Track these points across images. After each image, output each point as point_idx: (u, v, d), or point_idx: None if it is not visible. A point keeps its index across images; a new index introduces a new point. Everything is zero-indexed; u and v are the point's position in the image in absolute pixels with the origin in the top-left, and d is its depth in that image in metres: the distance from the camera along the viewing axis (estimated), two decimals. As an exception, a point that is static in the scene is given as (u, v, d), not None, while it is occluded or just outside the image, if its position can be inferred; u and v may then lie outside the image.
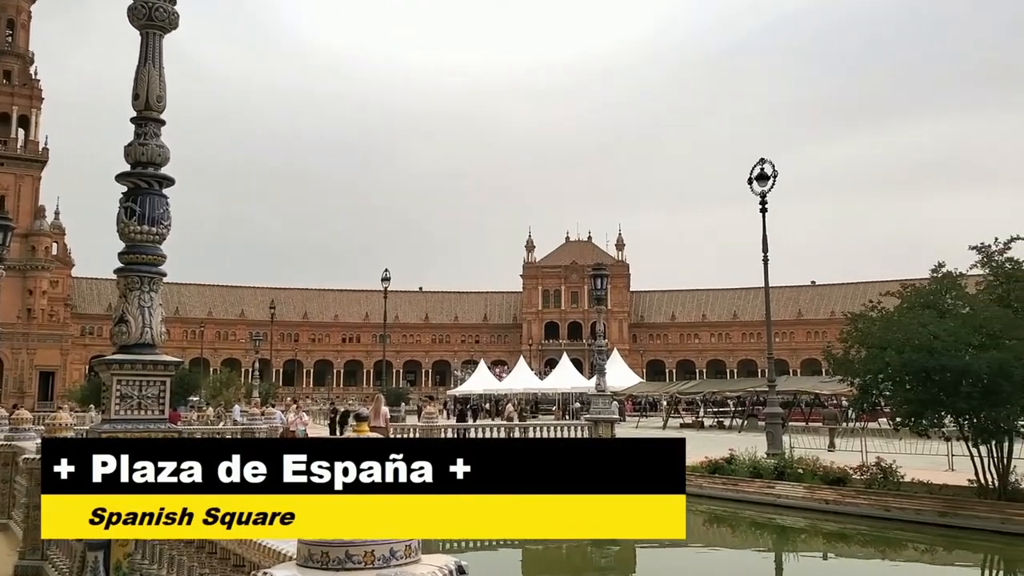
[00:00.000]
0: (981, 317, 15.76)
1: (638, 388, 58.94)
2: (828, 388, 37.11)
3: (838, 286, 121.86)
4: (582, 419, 28.79)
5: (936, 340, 15.31)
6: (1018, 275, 16.83)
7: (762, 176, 24.42)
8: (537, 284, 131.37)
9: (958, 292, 17.39)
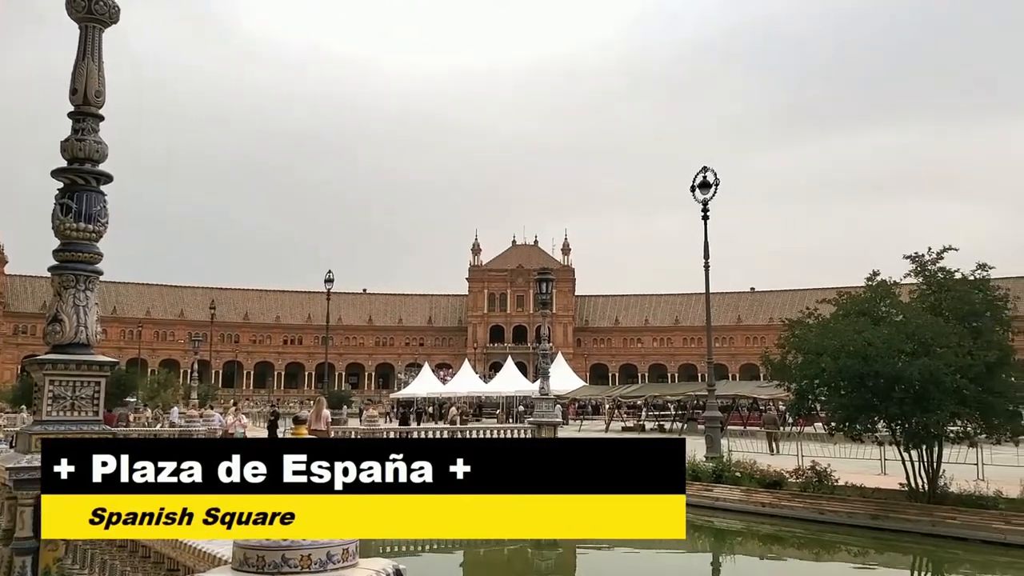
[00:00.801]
0: (914, 325, 16.17)
1: (581, 391, 59.30)
2: (766, 393, 37.74)
3: (777, 293, 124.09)
4: (525, 422, 28.87)
5: (870, 347, 15.67)
6: (949, 285, 17.32)
7: (704, 184, 24.74)
8: (483, 287, 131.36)
9: (892, 300, 17.82)
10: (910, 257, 17.99)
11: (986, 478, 17.99)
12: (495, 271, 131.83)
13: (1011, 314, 18.20)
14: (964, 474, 17.54)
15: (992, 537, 14.55)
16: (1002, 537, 14.45)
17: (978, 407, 16.09)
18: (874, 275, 18.43)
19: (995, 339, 16.79)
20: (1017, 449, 20.11)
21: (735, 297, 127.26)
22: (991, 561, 14.23)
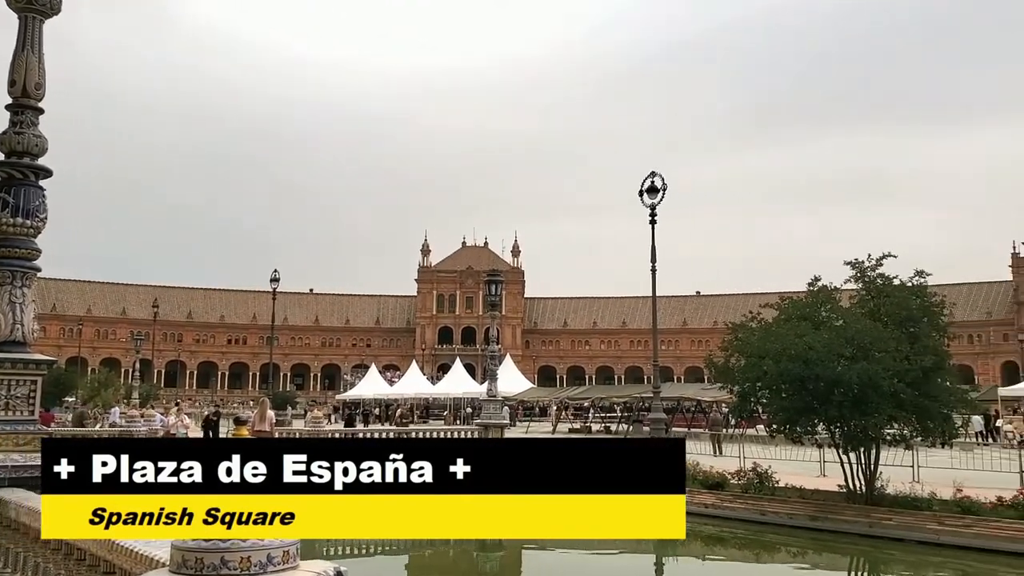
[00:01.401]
0: (853, 330, 16.51)
1: (529, 393, 59.45)
2: (709, 395, 38.24)
3: (722, 297, 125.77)
4: (473, 424, 28.85)
5: (811, 351, 15.96)
6: (888, 291, 17.73)
7: (652, 189, 24.96)
8: (432, 289, 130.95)
9: (833, 305, 18.18)
10: (850, 263, 18.37)
11: (921, 480, 18.46)
12: (444, 272, 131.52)
13: (947, 320, 18.69)
14: (900, 476, 17.98)
15: (926, 538, 14.93)
16: (936, 538, 14.83)
17: (914, 411, 16.51)
18: (815, 280, 18.79)
19: (931, 344, 17.23)
20: (951, 452, 20.70)
21: (681, 300, 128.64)
22: (925, 561, 14.59)
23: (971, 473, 18.88)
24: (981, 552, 14.23)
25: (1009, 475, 18.23)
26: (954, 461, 20.48)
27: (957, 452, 21.58)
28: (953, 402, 17.51)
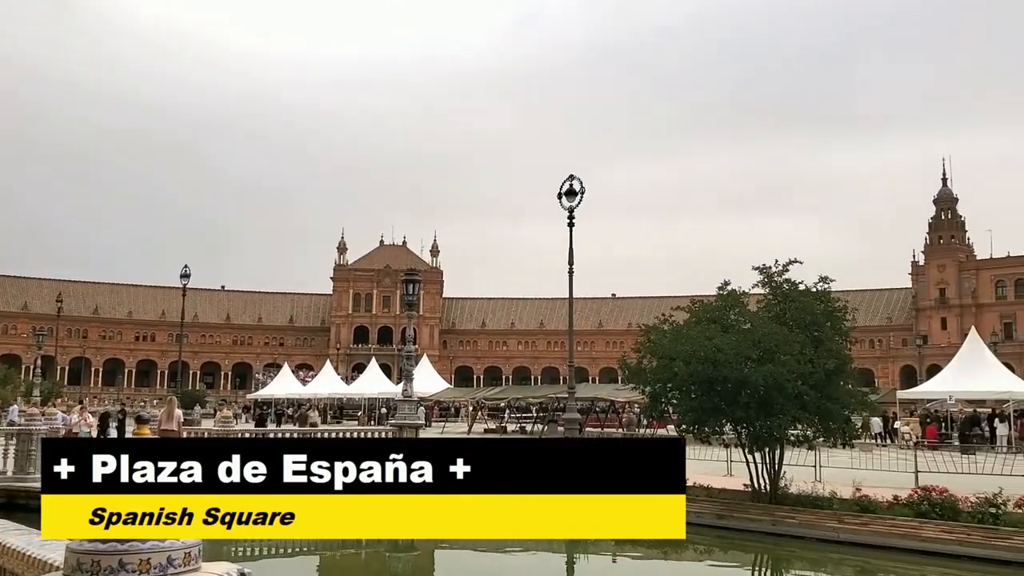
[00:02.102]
0: (760, 333, 16.93)
1: (446, 394, 59.29)
2: (623, 396, 38.71)
3: (636, 299, 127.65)
4: (387, 424, 28.61)
5: (719, 353, 16.31)
6: (794, 296, 18.24)
7: (570, 192, 25.15)
8: (348, 287, 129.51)
9: (741, 309, 18.60)
10: (759, 268, 18.83)
11: (823, 480, 19.05)
12: (361, 271, 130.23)
13: (849, 325, 19.33)
14: (803, 476, 18.52)
15: (826, 535, 15.41)
16: (835, 535, 15.32)
17: (817, 412, 17.02)
18: (725, 284, 19.19)
19: (834, 348, 17.78)
20: (851, 452, 21.43)
21: (598, 302, 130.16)
22: (825, 558, 15.07)
23: (870, 473, 19.57)
24: (878, 549, 14.75)
25: (905, 475, 18.97)
26: (854, 461, 21.20)
27: (857, 453, 22.34)
28: (854, 404, 18.12)
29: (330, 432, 24.14)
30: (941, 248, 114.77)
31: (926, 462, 20.21)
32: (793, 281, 18.46)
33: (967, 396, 41.14)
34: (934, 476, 18.00)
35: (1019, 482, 16.86)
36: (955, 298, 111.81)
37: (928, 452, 23.83)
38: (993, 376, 39.54)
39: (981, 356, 41.06)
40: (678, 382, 17.37)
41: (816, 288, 18.39)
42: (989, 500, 14.31)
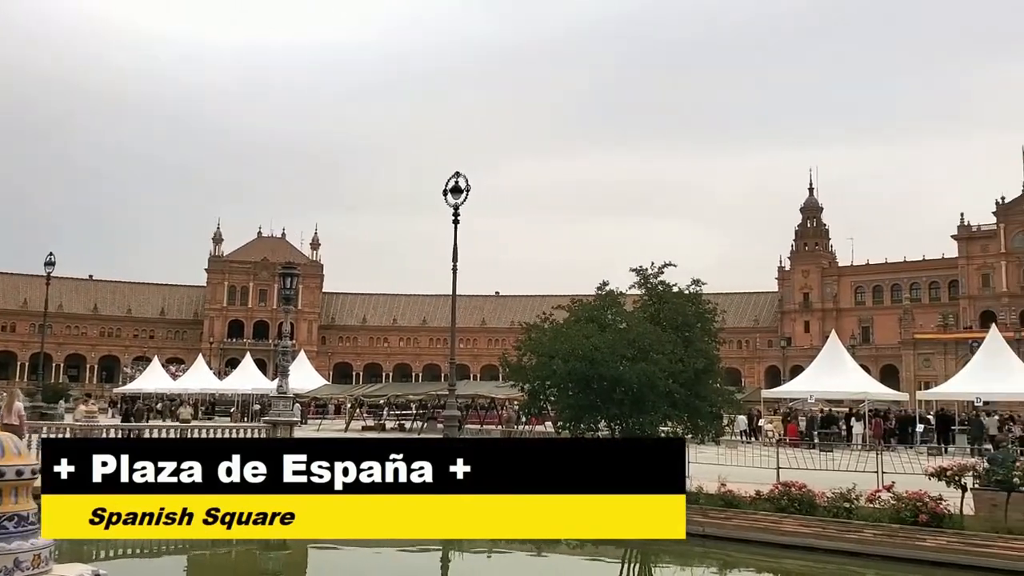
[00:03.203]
0: (635, 333, 17.40)
1: (323, 390, 58.41)
2: (503, 393, 39.03)
3: (519, 298, 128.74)
4: (260, 421, 27.97)
5: (597, 352, 16.67)
6: (667, 297, 18.83)
7: (456, 189, 25.17)
8: (223, 279, 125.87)
9: (618, 309, 19.07)
10: (635, 270, 19.36)
11: (691, 475, 19.66)
12: (238, 263, 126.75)
13: (718, 326, 20.07)
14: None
15: (693, 530, 15.84)
16: (701, 529, 15.82)
17: (687, 410, 17.63)
18: (603, 285, 19.63)
19: (703, 348, 18.45)
20: (718, 449, 22.21)
21: (481, 300, 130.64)
22: (690, 551, 15.55)
23: (735, 469, 20.32)
24: (740, 543, 15.34)
25: (768, 471, 19.78)
26: (721, 457, 21.95)
27: (723, 449, 23.15)
28: (721, 402, 18.85)
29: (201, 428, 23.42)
30: (806, 254, 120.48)
31: (787, 459, 21.13)
32: (667, 283, 19.03)
33: (826, 396, 43.30)
34: (794, 472, 18.84)
35: (871, 478, 17.85)
36: (818, 302, 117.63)
37: (789, 449, 24.93)
38: (850, 377, 41.75)
39: (840, 358, 43.26)
40: (556, 379, 17.65)
41: (688, 291, 19.00)
42: (844, 495, 15.09)
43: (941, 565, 13.32)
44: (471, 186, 25.20)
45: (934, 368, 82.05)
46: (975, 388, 38.01)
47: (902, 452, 28.28)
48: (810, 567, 14.55)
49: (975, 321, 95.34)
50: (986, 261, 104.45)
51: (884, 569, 13.75)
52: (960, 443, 35.76)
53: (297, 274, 28.50)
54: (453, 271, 25.75)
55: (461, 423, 33.80)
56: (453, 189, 25.18)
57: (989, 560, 13.04)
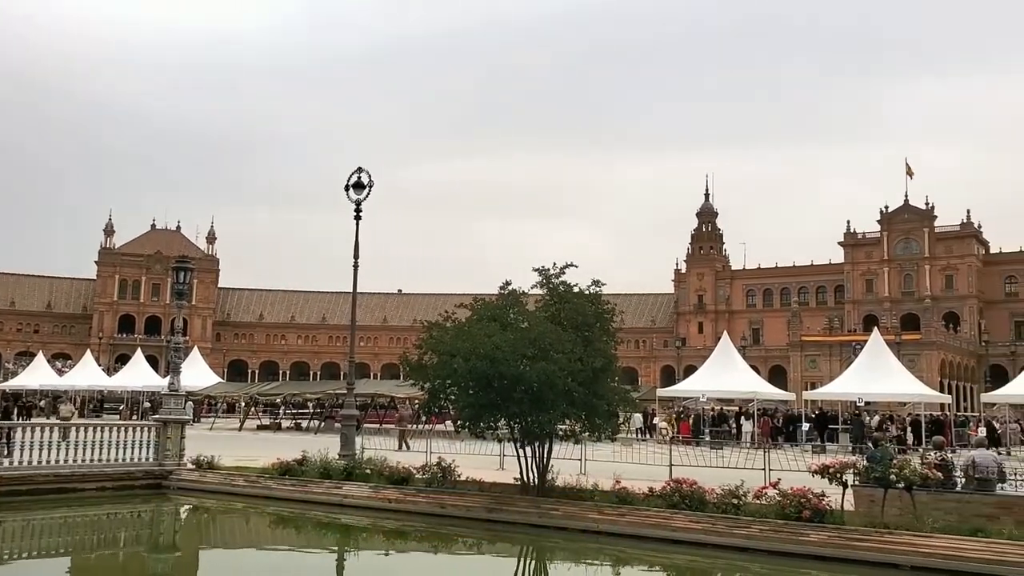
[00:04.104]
0: (536, 332, 17.52)
1: (217, 388, 57.01)
2: (403, 392, 38.80)
3: (422, 296, 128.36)
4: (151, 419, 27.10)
5: (498, 350, 16.72)
6: (568, 297, 19.02)
7: (359, 185, 24.88)
8: (114, 273, 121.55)
9: (520, 308, 19.16)
10: (538, 270, 19.49)
11: (588, 473, 20.01)
12: (130, 256, 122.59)
13: (617, 326, 20.41)
14: (570, 469, 19.36)
15: (588, 526, 16.17)
16: (595, 526, 16.09)
17: (585, 408, 17.87)
18: (506, 284, 19.71)
19: (602, 348, 18.70)
20: (614, 446, 22.64)
21: (383, 298, 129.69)
22: (585, 548, 15.81)
23: (630, 466, 20.76)
24: (633, 538, 15.64)
25: (661, 468, 20.26)
26: (616, 455, 22.41)
27: (619, 447, 23.60)
28: (618, 401, 19.17)
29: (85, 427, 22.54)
30: (701, 258, 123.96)
31: (680, 456, 21.69)
32: (568, 283, 19.21)
33: (718, 395, 44.59)
34: (686, 470, 19.35)
35: (759, 475, 18.48)
36: (711, 304, 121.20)
37: (682, 447, 25.60)
38: (741, 377, 43.12)
39: (731, 358, 44.62)
40: (457, 378, 17.63)
41: (589, 291, 19.25)
42: (732, 492, 15.57)
43: (823, 559, 13.88)
44: (374, 182, 24.99)
45: (820, 369, 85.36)
46: (857, 389, 39.77)
47: (788, 450, 29.41)
48: (699, 562, 14.96)
49: (859, 324, 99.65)
50: (870, 267, 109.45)
51: (769, 564, 14.24)
52: (843, 441, 37.35)
53: (191, 268, 27.66)
54: (354, 268, 25.47)
55: (360, 423, 33.47)
56: (355, 184, 24.90)
57: (867, 554, 13.66)
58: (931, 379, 70.94)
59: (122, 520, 20.38)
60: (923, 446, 29.03)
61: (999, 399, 43.30)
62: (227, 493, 21.08)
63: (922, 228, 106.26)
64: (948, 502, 14.60)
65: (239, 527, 19.93)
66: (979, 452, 16.23)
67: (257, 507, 20.25)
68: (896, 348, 56.34)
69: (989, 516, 14.07)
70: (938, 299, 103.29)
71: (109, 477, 21.39)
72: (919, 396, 40.56)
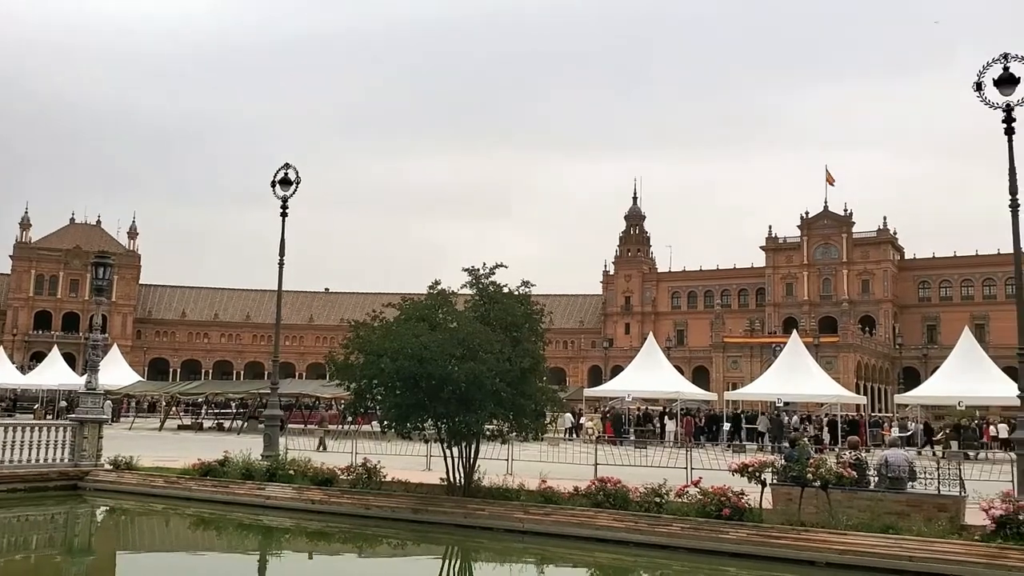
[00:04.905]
0: (464, 332, 17.53)
1: (137, 387, 55.62)
2: (329, 392, 38.45)
3: (349, 295, 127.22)
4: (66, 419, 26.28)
5: (426, 350, 16.70)
6: (497, 298, 19.09)
7: (285, 181, 24.63)
8: (30, 267, 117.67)
9: (449, 308, 19.16)
10: (467, 270, 19.52)
11: (514, 473, 20.10)
12: (47, 250, 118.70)
13: (546, 327, 20.55)
14: (496, 469, 19.42)
15: (513, 526, 16.25)
16: (521, 526, 16.18)
17: (512, 408, 17.94)
18: (435, 284, 19.69)
19: (530, 348, 18.81)
20: (541, 446, 22.80)
21: (310, 296, 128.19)
22: (510, 548, 15.89)
23: (557, 466, 20.93)
24: (559, 538, 15.77)
25: (587, 467, 20.48)
26: (543, 455, 22.57)
27: (546, 447, 23.79)
28: (545, 401, 19.30)
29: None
30: (629, 260, 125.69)
31: (605, 456, 21.95)
32: (498, 284, 19.28)
33: (643, 395, 45.32)
34: (611, 469, 19.57)
35: (682, 474, 18.83)
36: (638, 306, 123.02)
37: (608, 446, 25.91)
38: (665, 377, 43.87)
39: (656, 359, 45.37)
40: (384, 378, 17.55)
41: (518, 291, 19.34)
42: (655, 490, 15.83)
43: (742, 556, 14.21)
44: (301, 179, 24.75)
45: (741, 370, 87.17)
46: (777, 389, 40.84)
47: (710, 449, 30.01)
48: (622, 560, 15.16)
49: (779, 327, 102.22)
50: (790, 271, 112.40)
51: (690, 561, 14.52)
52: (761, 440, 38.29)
53: (111, 264, 26.91)
54: (279, 265, 25.19)
55: (284, 423, 33.04)
56: (282, 181, 24.65)
57: (784, 551, 14.03)
58: (847, 380, 73.18)
59: (35, 523, 19.73)
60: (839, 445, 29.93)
61: (911, 400, 44.89)
62: (146, 494, 20.59)
63: (840, 234, 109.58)
64: (862, 500, 15.08)
65: (158, 529, 19.49)
66: (891, 451, 16.82)
67: (177, 508, 19.83)
68: (814, 350, 57.95)
69: (900, 513, 14.57)
70: (855, 303, 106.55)
71: (21, 479, 20.69)
72: (836, 397, 41.83)
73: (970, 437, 40.12)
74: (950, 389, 38.09)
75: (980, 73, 17.83)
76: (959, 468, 15.96)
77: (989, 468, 22.40)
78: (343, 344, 19.17)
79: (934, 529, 13.78)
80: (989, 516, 13.28)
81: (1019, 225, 17.68)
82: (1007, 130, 17.79)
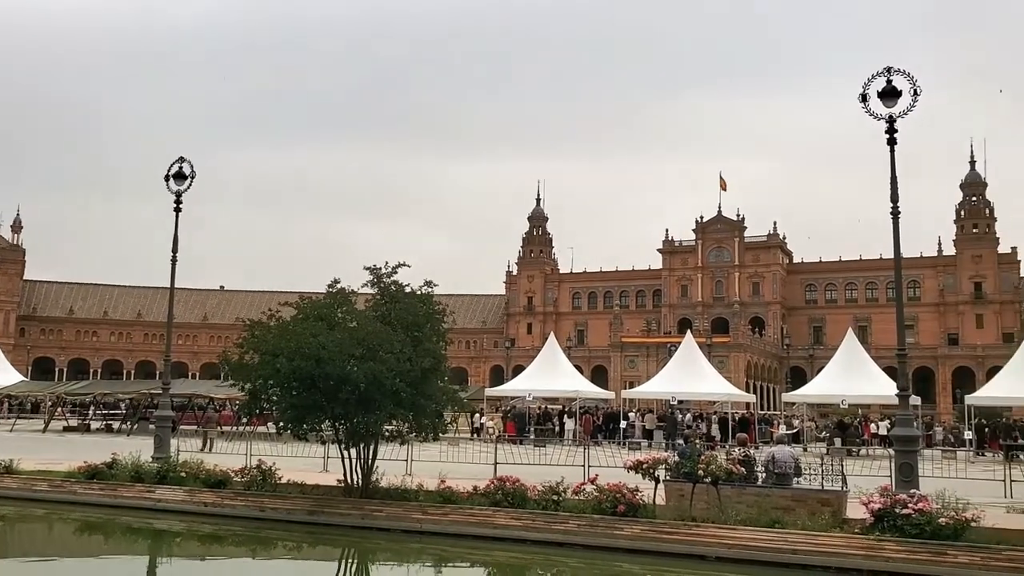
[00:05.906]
0: (364, 332, 17.38)
1: (20, 387, 53.20)
2: (223, 392, 37.54)
3: (245, 293, 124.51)
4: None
5: (324, 350, 16.49)
6: (399, 297, 18.99)
7: (180, 175, 23.98)
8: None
9: (349, 307, 18.95)
10: (369, 269, 19.35)
11: (413, 473, 20.06)
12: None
13: (448, 326, 20.55)
14: (395, 469, 19.35)
15: (411, 527, 16.21)
16: (419, 526, 16.16)
17: (412, 409, 17.88)
18: (335, 283, 19.44)
19: (431, 348, 18.76)
20: (441, 446, 22.82)
21: (204, 294, 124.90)
22: (407, 548, 15.85)
23: (457, 465, 20.98)
24: (458, 537, 15.82)
25: (487, 467, 20.61)
26: (443, 455, 22.60)
27: (446, 446, 23.81)
28: (446, 401, 19.29)
29: None
30: (531, 260, 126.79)
31: (505, 455, 22.13)
32: (400, 283, 19.18)
33: (544, 394, 45.78)
34: (511, 467, 19.76)
35: (580, 472, 19.11)
36: (540, 306, 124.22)
37: (509, 445, 26.10)
38: (565, 377, 44.44)
39: (556, 359, 45.93)
40: (280, 378, 17.27)
41: (421, 291, 19.28)
42: (552, 488, 16.04)
43: (636, 552, 14.54)
44: (196, 173, 24.14)
45: (638, 369, 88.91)
46: (671, 388, 41.91)
47: (607, 447, 30.55)
48: (518, 558, 15.30)
49: (674, 327, 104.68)
50: (685, 273, 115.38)
51: (586, 558, 14.78)
52: (657, 438, 39.17)
53: (-9, 258, 25.71)
54: (172, 261, 24.54)
55: (176, 424, 32.13)
56: (176, 175, 24.01)
57: (676, 546, 14.43)
58: (738, 379, 75.56)
59: (-98, 532, 18.68)
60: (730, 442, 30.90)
61: (798, 399, 46.69)
62: (27, 499, 19.73)
63: (733, 238, 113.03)
64: (750, 495, 15.61)
65: (40, 535, 18.67)
66: (778, 448, 17.46)
67: (61, 513, 19.05)
68: (707, 350, 59.65)
69: (786, 508, 15.14)
70: (746, 304, 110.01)
71: None
72: (727, 395, 43.19)
73: (852, 434, 42.00)
74: (834, 388, 39.84)
75: (865, 85, 18.66)
76: (842, 464, 16.69)
77: (870, 464, 23.52)
78: (238, 343, 18.77)
79: (817, 523, 14.37)
80: (869, 510, 13.95)
81: (899, 231, 18.64)
82: (889, 140, 18.69)
